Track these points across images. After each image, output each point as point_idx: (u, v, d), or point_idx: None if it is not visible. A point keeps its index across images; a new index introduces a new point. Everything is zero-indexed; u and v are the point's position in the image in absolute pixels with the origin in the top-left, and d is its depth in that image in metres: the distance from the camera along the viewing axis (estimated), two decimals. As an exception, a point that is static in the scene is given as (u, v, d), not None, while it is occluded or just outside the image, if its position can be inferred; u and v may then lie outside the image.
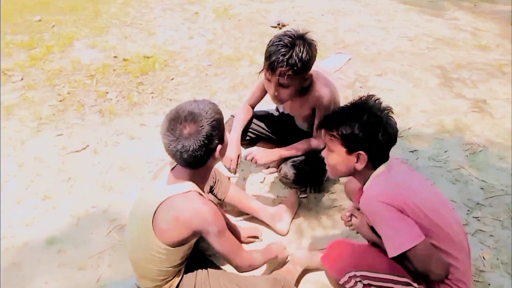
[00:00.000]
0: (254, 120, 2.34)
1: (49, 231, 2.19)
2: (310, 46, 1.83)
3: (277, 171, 2.36)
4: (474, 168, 2.65)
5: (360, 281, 1.47)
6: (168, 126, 1.42)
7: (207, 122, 1.42)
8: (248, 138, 2.34)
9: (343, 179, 2.39)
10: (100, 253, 2.08)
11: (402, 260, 1.42)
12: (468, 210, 2.34)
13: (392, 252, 1.39)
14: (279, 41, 1.81)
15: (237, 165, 2.08)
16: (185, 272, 1.66)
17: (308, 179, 2.25)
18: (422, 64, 4.04)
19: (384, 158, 1.52)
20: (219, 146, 1.49)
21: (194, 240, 1.58)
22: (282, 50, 1.78)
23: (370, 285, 1.48)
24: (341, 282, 1.49)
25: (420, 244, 1.36)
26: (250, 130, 2.33)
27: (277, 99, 1.97)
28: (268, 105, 2.36)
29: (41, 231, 2.19)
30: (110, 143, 2.86)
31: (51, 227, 2.21)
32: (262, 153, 2.07)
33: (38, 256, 2.05)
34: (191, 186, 1.50)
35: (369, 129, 1.44)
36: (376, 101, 1.52)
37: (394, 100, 3.34)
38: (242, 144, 2.34)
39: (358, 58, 4.16)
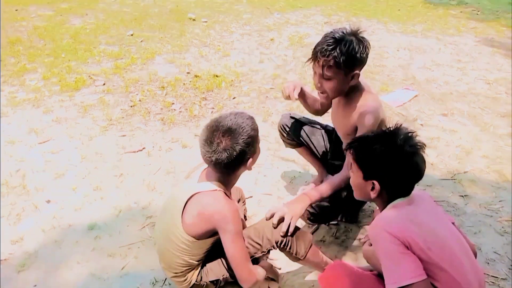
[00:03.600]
0: (305, 127, 2.41)
1: (92, 218, 2.41)
2: (359, 44, 1.79)
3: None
4: (530, 223, 2.42)
5: (352, 306, 1.43)
6: (207, 137, 1.56)
7: (242, 139, 1.55)
8: (294, 140, 2.45)
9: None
10: (130, 244, 2.24)
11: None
12: (512, 265, 2.14)
13: (390, 285, 1.34)
14: (331, 33, 1.82)
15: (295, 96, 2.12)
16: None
17: (327, 216, 2.11)
18: (495, 109, 3.79)
19: (403, 192, 1.47)
20: (250, 160, 1.63)
21: (216, 237, 1.65)
22: (330, 41, 1.78)
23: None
24: (334, 304, 1.47)
25: (419, 283, 1.30)
26: (296, 135, 2.42)
27: (320, 90, 1.96)
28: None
29: (85, 217, 2.41)
30: (164, 148, 3.07)
31: (95, 215, 2.43)
32: (292, 210, 1.76)
33: (77, 238, 2.27)
34: (218, 186, 1.63)
35: (386, 161, 1.42)
36: (407, 134, 1.45)
37: (455, 142, 3.17)
38: (285, 142, 2.53)
39: (426, 96, 4.02)
